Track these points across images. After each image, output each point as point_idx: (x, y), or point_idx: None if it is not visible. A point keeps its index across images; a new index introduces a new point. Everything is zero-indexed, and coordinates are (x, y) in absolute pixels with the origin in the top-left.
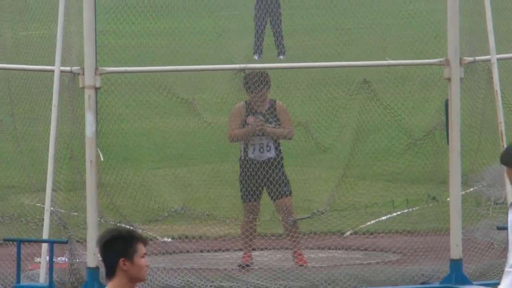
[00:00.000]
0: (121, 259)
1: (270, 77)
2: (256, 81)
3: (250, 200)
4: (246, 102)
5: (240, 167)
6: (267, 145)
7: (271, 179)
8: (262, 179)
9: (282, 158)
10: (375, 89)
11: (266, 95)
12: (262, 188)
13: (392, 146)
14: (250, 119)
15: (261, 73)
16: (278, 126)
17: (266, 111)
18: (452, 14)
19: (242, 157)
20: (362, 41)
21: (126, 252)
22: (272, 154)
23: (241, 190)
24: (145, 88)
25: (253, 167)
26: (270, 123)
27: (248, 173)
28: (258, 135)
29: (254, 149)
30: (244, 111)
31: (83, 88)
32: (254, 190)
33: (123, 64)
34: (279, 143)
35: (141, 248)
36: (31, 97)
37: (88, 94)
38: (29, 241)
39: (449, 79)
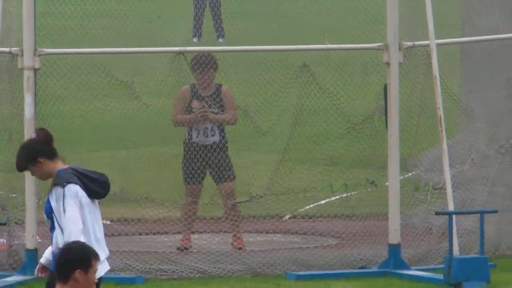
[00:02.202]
0: (78, 271)
1: (217, 61)
2: (201, 64)
3: (193, 183)
4: (191, 85)
5: (184, 149)
6: (211, 130)
7: (215, 162)
8: (206, 162)
9: (226, 142)
10: (315, 73)
11: (211, 79)
12: (205, 172)
13: (331, 130)
14: (194, 103)
15: (208, 55)
16: (222, 111)
17: (210, 95)
18: None
19: (187, 140)
20: (302, 25)
21: (84, 265)
22: (216, 138)
23: (184, 173)
24: (84, 70)
25: (197, 150)
26: (213, 107)
27: (192, 156)
28: (201, 121)
29: (198, 133)
30: (188, 94)
31: (22, 69)
32: (199, 173)
33: (62, 46)
34: (223, 128)
35: (95, 265)
36: None
37: (27, 75)
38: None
39: (388, 64)
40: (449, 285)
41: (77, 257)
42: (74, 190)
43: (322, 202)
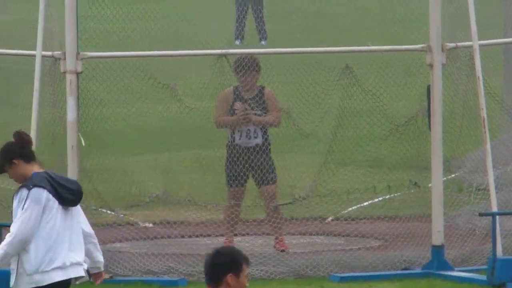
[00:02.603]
0: (230, 274)
1: (260, 63)
2: (244, 66)
3: (236, 185)
4: (234, 87)
5: (227, 152)
6: (254, 132)
7: (258, 164)
8: (249, 164)
9: (269, 145)
10: (357, 75)
11: (254, 81)
12: (248, 174)
13: (374, 132)
14: (237, 105)
15: (251, 58)
16: (265, 113)
17: (253, 97)
18: (435, 0)
19: (229, 143)
20: (344, 27)
21: (236, 269)
22: (259, 140)
23: (227, 175)
24: (127, 73)
25: (240, 152)
26: (255, 109)
27: (234, 159)
28: (243, 123)
29: (241, 135)
30: (231, 96)
31: (64, 73)
32: (241, 175)
33: (104, 49)
34: (266, 130)
35: (246, 269)
36: (12, 82)
37: (70, 79)
38: (9, 226)
39: (431, 65)
40: (493, 286)
41: (227, 260)
42: (39, 194)
43: (365, 203)
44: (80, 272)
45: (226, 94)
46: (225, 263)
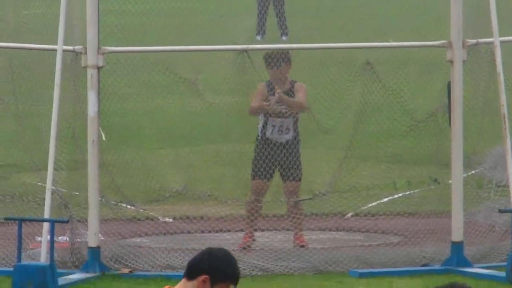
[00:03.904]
0: (205, 276)
1: (290, 56)
2: (274, 59)
3: (261, 178)
4: (267, 82)
5: (257, 146)
6: (287, 127)
7: (285, 160)
8: (275, 159)
9: (299, 142)
10: (378, 71)
11: (285, 74)
12: (275, 169)
13: (394, 128)
14: (271, 99)
15: (281, 51)
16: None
17: (285, 91)
18: None
19: (259, 137)
20: (365, 23)
21: (217, 276)
22: (290, 136)
23: (253, 168)
24: (147, 68)
25: (271, 146)
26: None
27: (265, 152)
28: (276, 115)
29: (273, 129)
30: (265, 90)
31: (85, 67)
32: (267, 169)
33: (125, 44)
34: (297, 127)
35: (226, 286)
36: (34, 76)
37: (91, 73)
38: (30, 220)
39: (451, 62)
40: None
41: (215, 264)
42: None
43: (385, 199)
44: None
45: (260, 88)
46: (210, 264)
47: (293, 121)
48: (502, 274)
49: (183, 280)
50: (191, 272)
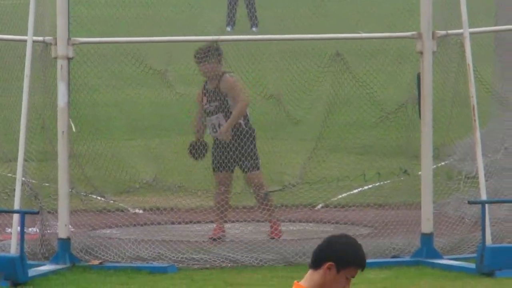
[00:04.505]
0: (330, 263)
1: (219, 51)
2: (203, 55)
3: (220, 171)
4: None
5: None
6: (219, 124)
7: (237, 153)
8: (228, 152)
9: (252, 131)
10: (348, 62)
11: (212, 70)
12: (231, 160)
13: (364, 119)
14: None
15: (212, 46)
16: (226, 101)
17: (214, 89)
18: None
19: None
20: (335, 14)
21: (341, 262)
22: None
23: (212, 161)
24: (118, 59)
25: (219, 141)
26: (213, 102)
27: (215, 146)
28: (208, 114)
29: (212, 128)
30: (201, 92)
31: (55, 58)
32: (225, 161)
33: (95, 35)
34: (246, 115)
35: (353, 271)
36: (3, 67)
37: (61, 64)
38: (0, 212)
39: (421, 53)
40: (482, 274)
41: (341, 250)
42: None
43: (355, 191)
44: None
45: (199, 93)
46: (335, 250)
47: (223, 117)
48: (472, 265)
49: (310, 271)
50: (316, 261)
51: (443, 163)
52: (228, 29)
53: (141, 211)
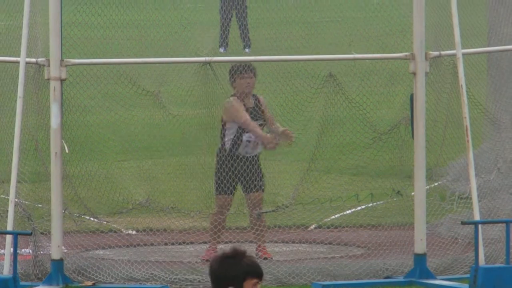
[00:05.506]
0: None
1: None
2: (244, 68)
3: (226, 194)
4: (233, 96)
5: (218, 160)
6: (255, 142)
7: (248, 172)
8: (238, 172)
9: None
10: (341, 83)
11: (253, 85)
12: (237, 182)
13: (357, 140)
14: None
15: (246, 64)
16: (264, 123)
17: (253, 107)
18: (418, 8)
19: (222, 150)
20: (328, 35)
21: (237, 281)
22: (261, 148)
23: (216, 183)
24: (111, 80)
25: (235, 160)
26: (259, 120)
27: (228, 165)
28: (247, 132)
29: (248, 144)
30: (241, 104)
31: (48, 79)
32: (231, 183)
33: (88, 56)
34: None
35: (253, 281)
36: None
37: (54, 85)
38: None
39: (414, 74)
40: None
41: (244, 264)
42: None
43: (348, 212)
44: None
45: (238, 100)
46: (242, 267)
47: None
48: (465, 286)
49: None
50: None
51: (436, 184)
52: (221, 50)
53: (134, 232)
